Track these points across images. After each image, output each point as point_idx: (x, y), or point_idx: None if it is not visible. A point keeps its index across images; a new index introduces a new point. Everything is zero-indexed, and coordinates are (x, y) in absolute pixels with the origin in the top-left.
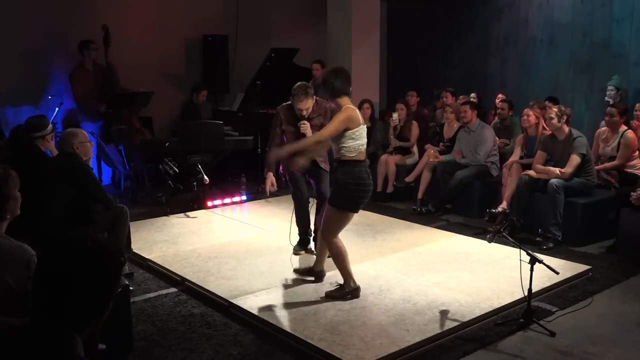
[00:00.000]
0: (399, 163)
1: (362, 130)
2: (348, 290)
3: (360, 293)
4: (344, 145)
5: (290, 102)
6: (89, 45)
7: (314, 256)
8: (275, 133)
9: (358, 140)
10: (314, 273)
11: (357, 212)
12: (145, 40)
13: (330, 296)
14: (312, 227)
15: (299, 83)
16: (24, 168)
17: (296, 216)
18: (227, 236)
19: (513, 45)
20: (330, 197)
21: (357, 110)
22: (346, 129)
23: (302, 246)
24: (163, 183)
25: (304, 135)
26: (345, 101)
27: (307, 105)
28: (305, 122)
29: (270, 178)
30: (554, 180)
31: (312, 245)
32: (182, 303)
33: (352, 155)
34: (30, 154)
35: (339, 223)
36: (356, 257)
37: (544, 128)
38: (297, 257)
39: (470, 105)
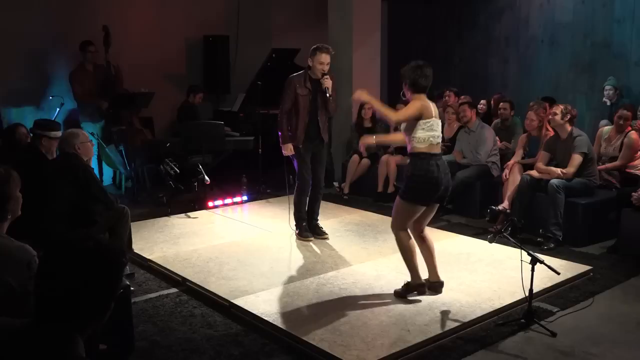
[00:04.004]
0: (400, 163)
1: (435, 124)
2: (413, 285)
3: (361, 293)
4: (414, 136)
5: (302, 71)
6: (86, 48)
7: (316, 249)
8: (285, 99)
9: (429, 132)
10: (431, 285)
11: (425, 206)
12: (146, 41)
13: (397, 294)
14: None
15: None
16: (25, 168)
17: (300, 199)
18: (228, 237)
19: (514, 45)
20: (400, 189)
21: (432, 104)
22: (419, 118)
23: (308, 232)
24: (164, 183)
25: (315, 99)
26: (421, 97)
27: (329, 60)
28: (327, 76)
29: (290, 146)
30: (554, 180)
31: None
32: (183, 303)
33: (421, 147)
34: (30, 154)
35: (405, 214)
36: (357, 258)
37: (547, 129)
38: (299, 256)
39: (468, 104)
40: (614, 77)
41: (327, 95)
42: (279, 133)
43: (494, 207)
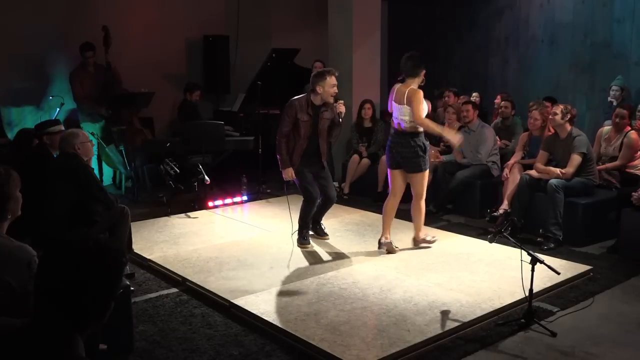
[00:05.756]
0: None
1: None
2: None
3: (361, 293)
4: None
5: (303, 95)
6: (85, 53)
7: (316, 249)
8: (286, 121)
9: None
10: (414, 241)
11: (392, 169)
12: (146, 41)
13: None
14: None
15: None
16: (26, 168)
17: (307, 210)
18: (228, 236)
19: (514, 45)
20: None
21: (397, 90)
22: None
23: (307, 239)
24: (164, 183)
25: (316, 124)
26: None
27: (336, 82)
28: (341, 101)
29: (290, 171)
30: (553, 180)
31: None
32: (183, 303)
33: None
34: (34, 154)
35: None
36: (357, 257)
37: (549, 130)
38: (299, 256)
39: (472, 104)
40: (622, 77)
41: (340, 120)
42: (278, 157)
43: (494, 214)
